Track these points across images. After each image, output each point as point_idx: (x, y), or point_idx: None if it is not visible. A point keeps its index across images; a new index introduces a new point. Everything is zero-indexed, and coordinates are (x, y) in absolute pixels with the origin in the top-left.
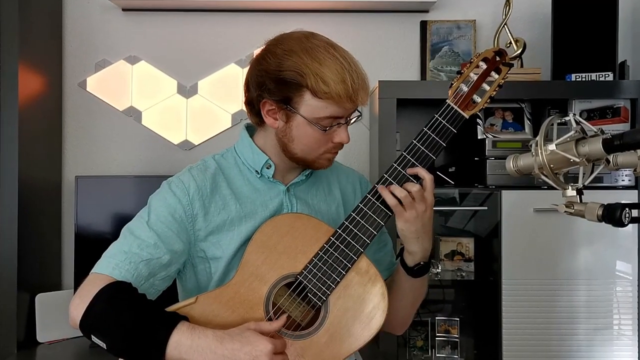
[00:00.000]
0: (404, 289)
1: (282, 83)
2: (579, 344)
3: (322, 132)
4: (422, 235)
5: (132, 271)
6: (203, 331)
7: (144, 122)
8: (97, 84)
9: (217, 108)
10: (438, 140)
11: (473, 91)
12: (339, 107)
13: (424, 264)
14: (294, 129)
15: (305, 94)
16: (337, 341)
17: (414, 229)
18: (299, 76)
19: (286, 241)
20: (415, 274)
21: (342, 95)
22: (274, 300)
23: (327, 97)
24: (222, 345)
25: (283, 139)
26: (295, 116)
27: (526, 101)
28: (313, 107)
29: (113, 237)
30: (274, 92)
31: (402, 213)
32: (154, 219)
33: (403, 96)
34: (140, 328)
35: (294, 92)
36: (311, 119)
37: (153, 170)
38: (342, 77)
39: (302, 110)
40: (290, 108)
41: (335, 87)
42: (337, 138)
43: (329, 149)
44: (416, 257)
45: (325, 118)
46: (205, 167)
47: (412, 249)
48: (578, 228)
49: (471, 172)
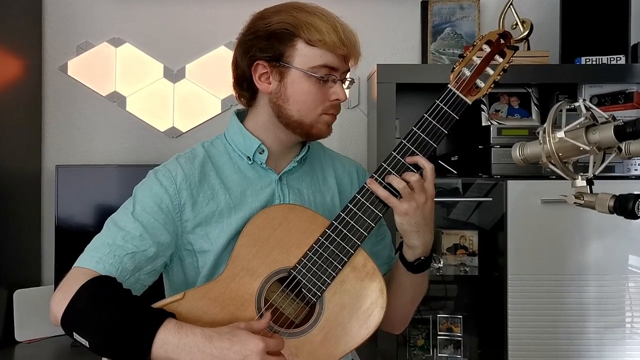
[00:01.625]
0: (404, 285)
1: (273, 37)
2: (588, 343)
3: (319, 85)
4: (422, 228)
5: (116, 265)
6: (191, 329)
7: (129, 108)
8: (79, 67)
9: (206, 93)
10: (439, 127)
11: (476, 76)
12: (333, 56)
13: (425, 258)
14: (289, 87)
15: (298, 44)
16: (332, 339)
17: (414, 222)
18: (291, 26)
19: (279, 234)
20: (416, 269)
21: (336, 42)
22: (266, 297)
23: (321, 44)
24: (210, 344)
25: (278, 102)
26: (289, 71)
27: (533, 86)
28: (308, 57)
29: (96, 230)
30: (265, 49)
31: (399, 205)
32: (139, 210)
33: (403, 81)
34: (125, 325)
35: (287, 44)
36: (306, 69)
37: (138, 159)
38: (332, 26)
39: (296, 62)
40: (283, 64)
41: (327, 35)
42: (334, 95)
43: (326, 109)
44: (417, 252)
45: (320, 67)
46: (194, 156)
47: (412, 242)
48: (588, 220)
49: (475, 161)
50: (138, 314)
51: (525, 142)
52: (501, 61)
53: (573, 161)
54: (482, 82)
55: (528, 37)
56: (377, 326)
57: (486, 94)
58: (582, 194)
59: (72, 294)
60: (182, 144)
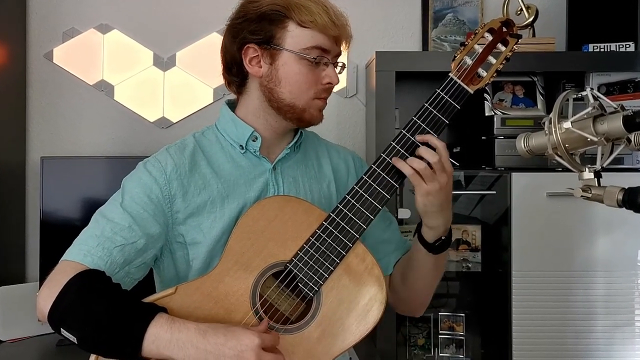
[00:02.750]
0: (425, 269)
1: (264, 18)
2: (596, 342)
3: (310, 67)
4: (445, 208)
5: (105, 258)
6: (184, 324)
7: (117, 97)
8: (65, 55)
9: (197, 82)
10: (440, 117)
11: (478, 64)
12: (325, 37)
13: (446, 238)
14: (281, 69)
15: (289, 25)
16: (330, 336)
17: (437, 202)
18: (282, 7)
19: (274, 226)
20: (437, 249)
21: (327, 23)
22: (260, 291)
23: (313, 25)
24: (204, 339)
25: (269, 85)
26: (280, 53)
27: (539, 74)
28: (299, 38)
29: (83, 225)
30: (255, 31)
31: (422, 185)
32: (128, 200)
33: (403, 69)
34: (114, 320)
35: (277, 26)
36: (298, 51)
37: (127, 150)
38: (323, 8)
39: (287, 44)
40: (274, 46)
41: (319, 16)
42: (326, 78)
43: (318, 92)
44: (438, 232)
45: (312, 48)
46: (184, 146)
47: (433, 223)
48: (596, 214)
49: (478, 153)
50: (128, 309)
51: (530, 133)
52: (504, 50)
53: (580, 153)
54: (484, 71)
55: (533, 24)
56: (377, 322)
57: (489, 83)
58: (589, 186)
59: (59, 289)
60: (173, 134)
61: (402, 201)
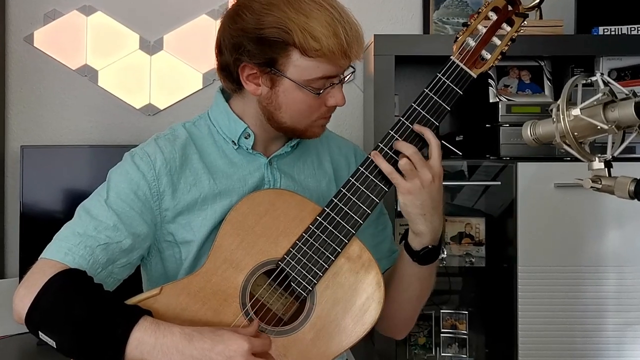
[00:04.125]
0: (409, 279)
1: (264, 43)
2: (607, 341)
3: (315, 96)
4: (429, 212)
5: (87, 257)
6: (169, 328)
7: (101, 83)
8: (46, 38)
9: (185, 67)
10: (441, 103)
11: (482, 46)
12: (332, 65)
13: (433, 247)
14: (281, 95)
15: (292, 54)
16: (325, 338)
17: (418, 203)
18: (284, 33)
19: (265, 222)
20: (422, 259)
21: (336, 51)
22: (251, 291)
23: (319, 54)
24: (190, 344)
25: (268, 107)
26: (281, 80)
27: (546, 58)
28: (302, 68)
29: (65, 218)
30: (254, 54)
31: (402, 183)
32: (114, 197)
33: (402, 53)
34: (96, 324)
35: (279, 53)
36: (301, 82)
37: (111, 139)
38: (333, 30)
39: (289, 73)
40: (275, 71)
41: (327, 42)
42: (332, 101)
43: (322, 114)
44: (424, 239)
45: (317, 79)
46: (174, 137)
47: (418, 228)
48: (606, 206)
49: (482, 142)
50: (111, 312)
51: (537, 121)
52: (509, 30)
53: (590, 141)
54: (488, 54)
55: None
56: (374, 323)
57: (493, 67)
58: (599, 177)
59: (37, 289)
60: (160, 122)
61: None
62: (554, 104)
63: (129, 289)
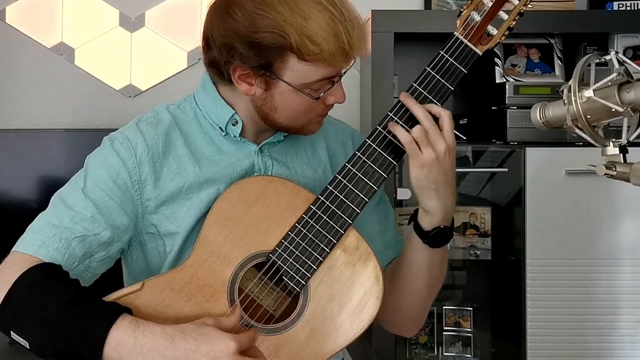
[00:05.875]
0: (418, 265)
1: (258, 47)
2: (621, 340)
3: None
4: (442, 186)
5: (62, 250)
6: (149, 327)
7: (78, 62)
8: (19, 14)
9: (169, 44)
10: (444, 83)
11: (487, 21)
12: (332, 67)
13: (445, 227)
14: (277, 97)
15: (289, 59)
16: (319, 336)
17: (432, 177)
18: (280, 38)
19: (255, 211)
20: (433, 241)
21: (336, 54)
22: (240, 285)
23: (318, 58)
24: (172, 345)
25: (262, 108)
26: (277, 83)
27: (556, 36)
28: (300, 72)
29: (39, 207)
30: (247, 58)
31: (418, 154)
32: (92, 186)
33: (402, 30)
34: (71, 324)
35: (275, 57)
36: (299, 85)
37: (89, 122)
38: (334, 32)
39: (286, 76)
40: (270, 74)
41: (326, 45)
42: (331, 99)
43: (320, 112)
44: (435, 218)
45: (315, 82)
46: (157, 121)
47: (430, 205)
48: (621, 195)
49: (488, 125)
50: (87, 310)
51: (547, 103)
52: (517, 3)
53: (603, 125)
54: (494, 29)
55: None
56: (372, 320)
57: (500, 43)
58: (614, 163)
59: (8, 285)
60: (141, 104)
61: (401, 180)
62: (565, 85)
63: (108, 283)
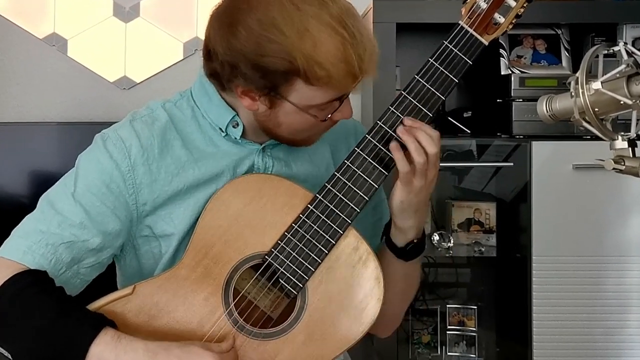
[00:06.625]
0: (393, 277)
1: (264, 71)
2: (631, 340)
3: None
4: (422, 207)
5: (48, 256)
6: (131, 344)
7: (71, 53)
8: (10, 3)
9: (164, 35)
10: (448, 74)
11: (494, 9)
12: (339, 89)
13: (418, 241)
14: (282, 116)
15: (296, 82)
16: (318, 340)
17: (415, 201)
18: (287, 63)
19: (251, 210)
20: (408, 255)
21: (345, 78)
22: (235, 287)
23: (325, 82)
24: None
25: (265, 123)
26: (282, 102)
27: (563, 26)
28: (307, 96)
29: (30, 204)
30: (252, 79)
31: (411, 182)
32: (82, 189)
33: (405, 20)
34: (53, 335)
35: (282, 81)
36: (304, 107)
37: (82, 115)
38: (344, 56)
39: (292, 97)
40: (276, 94)
41: (335, 71)
42: (338, 115)
43: (326, 127)
44: (409, 235)
45: (322, 104)
46: (153, 119)
47: (406, 224)
48: (630, 190)
49: (492, 118)
50: (70, 321)
51: (553, 95)
52: None
53: (612, 118)
54: (501, 17)
55: None
56: (373, 322)
57: (505, 34)
58: (622, 157)
59: None
60: (136, 96)
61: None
62: (573, 77)
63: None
